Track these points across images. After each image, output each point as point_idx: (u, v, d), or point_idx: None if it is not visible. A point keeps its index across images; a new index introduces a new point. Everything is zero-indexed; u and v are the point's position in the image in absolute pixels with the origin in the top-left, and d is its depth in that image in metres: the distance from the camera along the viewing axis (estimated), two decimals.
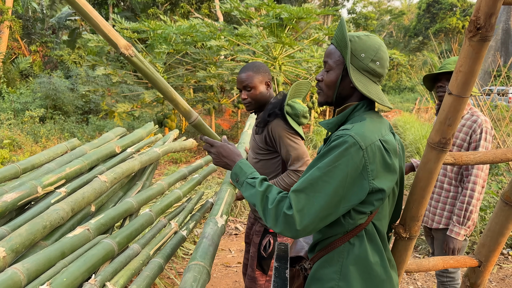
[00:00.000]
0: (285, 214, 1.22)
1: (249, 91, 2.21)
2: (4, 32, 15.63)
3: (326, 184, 1.22)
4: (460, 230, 2.39)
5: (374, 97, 1.34)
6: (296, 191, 1.24)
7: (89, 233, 1.57)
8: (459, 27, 30.62)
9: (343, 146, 1.24)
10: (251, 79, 2.20)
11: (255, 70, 2.22)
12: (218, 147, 1.51)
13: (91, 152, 2.29)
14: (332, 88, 1.41)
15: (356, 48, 1.36)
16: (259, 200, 1.29)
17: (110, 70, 8.98)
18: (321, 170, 1.23)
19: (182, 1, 18.41)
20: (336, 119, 1.42)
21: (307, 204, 1.22)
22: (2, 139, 9.43)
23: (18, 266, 1.31)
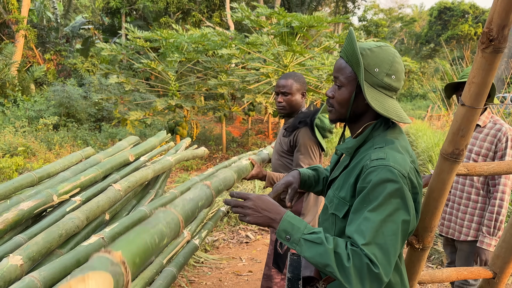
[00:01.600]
0: (372, 272, 1.13)
1: (286, 96, 2.39)
2: (20, 41, 15.95)
3: (392, 224, 1.16)
4: (491, 241, 2.35)
5: (393, 115, 1.26)
6: (367, 244, 1.15)
7: (104, 242, 1.59)
8: (471, 34, 30.42)
9: (390, 181, 1.17)
10: (290, 86, 2.38)
11: (295, 79, 2.41)
12: (254, 199, 1.30)
13: (105, 161, 2.32)
14: (345, 106, 1.33)
15: (369, 63, 1.27)
16: (332, 259, 1.15)
17: (123, 78, 9.09)
18: (379, 212, 1.16)
19: (193, 10, 18.61)
20: (356, 142, 1.34)
21: (385, 253, 1.15)
22: (17, 146, 9.58)
23: (35, 274, 1.33)
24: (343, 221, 1.34)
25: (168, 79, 9.70)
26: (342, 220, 1.34)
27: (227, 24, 18.48)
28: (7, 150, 9.50)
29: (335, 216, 1.37)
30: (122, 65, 16.43)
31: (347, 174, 1.34)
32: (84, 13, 26.29)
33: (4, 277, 1.34)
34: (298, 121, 2.38)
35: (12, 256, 1.41)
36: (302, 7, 23.62)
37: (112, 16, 20.56)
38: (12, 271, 1.37)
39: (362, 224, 1.17)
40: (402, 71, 1.32)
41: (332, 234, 1.39)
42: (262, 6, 8.65)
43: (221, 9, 19.20)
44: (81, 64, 17.12)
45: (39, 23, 20.44)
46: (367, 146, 1.32)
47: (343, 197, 1.33)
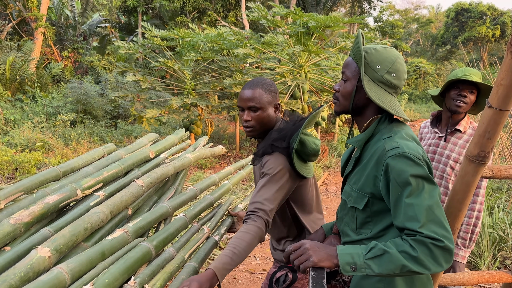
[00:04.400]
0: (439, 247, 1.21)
1: (255, 112, 1.79)
2: (38, 38, 16.22)
3: (432, 198, 1.26)
4: (466, 253, 2.29)
5: (388, 107, 1.36)
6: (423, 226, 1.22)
7: (128, 236, 1.62)
8: (489, 36, 29.94)
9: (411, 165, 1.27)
10: (259, 98, 1.78)
11: (265, 88, 1.81)
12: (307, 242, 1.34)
13: (127, 157, 2.36)
14: (348, 99, 1.44)
15: (372, 60, 1.39)
16: (402, 258, 1.22)
17: (140, 76, 9.19)
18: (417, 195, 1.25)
19: (209, 10, 18.69)
20: (364, 135, 1.43)
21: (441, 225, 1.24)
22: (35, 141, 9.75)
23: (63, 266, 1.37)
24: (363, 213, 1.42)
25: (183, 78, 9.77)
26: (362, 211, 1.42)
27: (242, 23, 18.52)
28: (25, 145, 9.67)
29: (355, 209, 1.44)
30: (138, 63, 16.60)
31: (361, 167, 1.42)
32: (101, 12, 26.60)
33: (33, 268, 1.37)
34: (269, 143, 1.77)
35: (40, 248, 1.45)
36: (317, 7, 23.54)
37: (129, 15, 20.78)
38: (40, 263, 1.40)
39: (409, 211, 1.25)
40: (404, 72, 1.42)
41: (354, 226, 1.47)
42: (278, 6, 8.66)
43: (236, 8, 19.25)
44: (98, 62, 17.33)
45: (58, 21, 20.77)
46: (376, 138, 1.41)
47: (361, 189, 1.41)
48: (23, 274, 1.33)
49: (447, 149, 2.42)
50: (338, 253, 1.28)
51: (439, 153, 2.46)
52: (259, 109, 1.79)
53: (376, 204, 1.39)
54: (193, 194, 2.25)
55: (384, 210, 1.38)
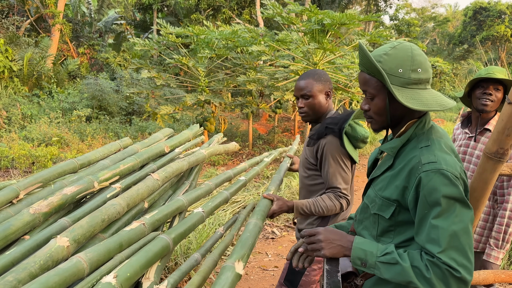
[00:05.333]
0: (455, 277, 1.16)
1: (307, 99, 2.05)
2: (55, 34, 16.44)
3: (461, 223, 1.19)
4: (499, 254, 2.24)
5: (434, 107, 1.28)
6: (443, 252, 1.18)
7: (145, 227, 1.64)
8: (507, 35, 29.40)
9: (447, 185, 1.20)
10: (310, 87, 2.04)
11: (316, 78, 2.05)
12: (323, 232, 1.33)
13: (143, 151, 2.39)
14: (383, 115, 1.35)
15: (391, 67, 1.27)
16: (412, 275, 1.19)
17: (154, 73, 9.26)
18: (446, 217, 1.19)
19: (224, 7, 18.72)
20: (400, 141, 1.36)
21: (463, 254, 1.18)
22: (51, 136, 9.91)
23: (82, 255, 1.39)
24: (387, 221, 1.35)
25: (198, 75, 9.81)
26: (387, 220, 1.35)
27: (257, 21, 18.50)
28: (42, 139, 9.83)
29: (378, 216, 1.38)
30: (153, 60, 16.72)
31: (393, 175, 1.34)
32: (117, 9, 26.85)
33: (52, 257, 1.40)
34: (324, 127, 2.02)
35: (59, 237, 1.47)
36: (332, 4, 23.40)
37: (144, 12, 20.93)
38: (59, 252, 1.43)
39: (432, 232, 1.20)
40: (426, 60, 1.31)
41: (374, 233, 1.41)
42: (293, 3, 8.63)
43: (251, 6, 19.24)
44: (113, 59, 17.51)
45: (74, 18, 21.03)
46: (411, 145, 1.32)
47: (388, 198, 1.34)
48: (43, 263, 1.36)
49: (477, 149, 2.40)
50: (353, 246, 1.27)
51: (469, 153, 2.44)
52: (310, 97, 2.05)
53: (402, 214, 1.33)
54: (208, 189, 2.27)
55: (409, 221, 1.32)
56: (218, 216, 4.74)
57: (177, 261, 3.55)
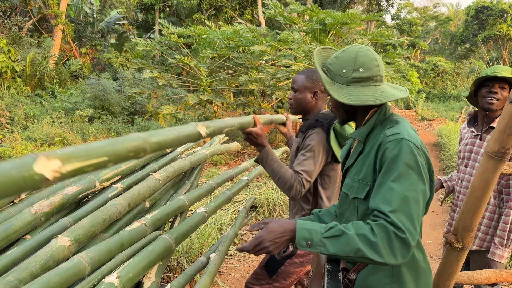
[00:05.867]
0: (400, 238, 1.21)
1: (295, 92, 2.16)
2: (58, 35, 16.49)
3: (414, 192, 1.26)
4: (504, 252, 2.21)
5: (368, 101, 1.40)
6: (393, 211, 1.24)
7: (146, 227, 1.64)
8: (509, 34, 29.30)
9: (405, 151, 1.29)
10: (300, 82, 2.14)
11: (308, 76, 2.14)
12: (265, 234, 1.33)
13: None
14: (339, 109, 1.52)
15: (337, 68, 1.44)
16: (358, 242, 1.22)
17: (157, 73, 9.27)
18: (402, 182, 1.27)
19: (225, 7, 18.72)
20: (366, 128, 1.46)
21: (410, 219, 1.24)
22: (54, 136, 9.93)
23: (83, 255, 1.39)
24: (365, 203, 1.42)
25: (199, 75, 9.82)
26: (364, 202, 1.42)
27: (259, 21, 18.50)
28: (44, 139, 9.86)
29: (356, 199, 1.45)
30: (155, 60, 16.74)
31: (364, 158, 1.45)
32: (119, 9, 26.89)
33: (53, 257, 1.40)
34: (314, 120, 2.09)
35: (60, 237, 1.48)
36: (334, 4, 23.38)
37: (146, 12, 20.94)
38: (60, 252, 1.44)
39: (387, 193, 1.27)
40: (370, 59, 1.43)
41: (356, 219, 1.45)
42: (295, 3, 8.63)
43: (253, 6, 19.24)
44: (116, 59, 17.54)
45: (76, 18, 21.07)
46: (378, 130, 1.44)
47: (363, 179, 1.42)
48: (44, 262, 1.36)
49: (483, 148, 2.39)
50: (297, 227, 1.27)
51: (475, 152, 2.43)
52: (297, 91, 2.13)
53: None
54: (209, 188, 2.27)
55: None
56: (220, 215, 4.74)
57: (179, 261, 3.55)
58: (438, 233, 5.14)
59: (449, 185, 2.63)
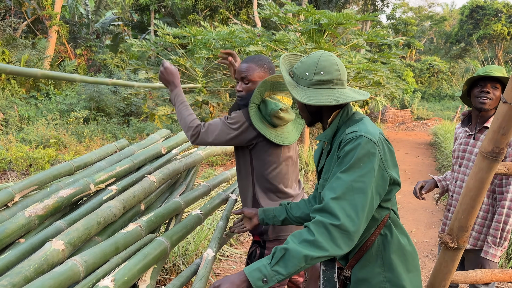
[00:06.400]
0: (336, 227, 1.26)
1: (247, 84, 2.00)
2: (52, 36, 16.42)
3: (361, 184, 1.32)
4: (497, 251, 2.23)
5: (326, 102, 1.45)
6: (335, 198, 1.30)
7: (141, 230, 1.63)
8: (504, 34, 29.47)
9: (360, 146, 1.35)
10: (251, 72, 1.98)
11: (258, 64, 2.00)
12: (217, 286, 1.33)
13: (139, 152, 2.38)
14: (304, 111, 1.59)
15: (301, 71, 1.51)
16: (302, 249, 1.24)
17: (152, 74, 9.24)
18: (350, 173, 1.33)
19: (221, 8, 18.71)
20: (330, 130, 1.53)
21: (352, 207, 1.29)
22: (49, 138, 9.89)
23: (77, 259, 1.38)
24: None
25: (195, 76, 9.80)
26: None
27: (254, 21, 18.50)
28: (39, 141, 9.81)
29: None
30: (150, 61, 16.70)
31: (330, 157, 1.51)
32: (114, 10, 26.81)
33: (47, 260, 1.39)
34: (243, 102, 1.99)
35: (54, 240, 1.47)
36: (329, 4, 23.41)
37: (141, 13, 20.89)
38: (55, 255, 1.42)
39: (334, 182, 1.34)
40: (331, 64, 1.51)
41: None
42: (290, 3, 8.63)
43: (248, 6, 19.23)
44: (111, 60, 17.49)
45: (71, 19, 20.99)
46: (342, 130, 1.50)
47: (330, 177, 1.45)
48: (38, 266, 1.35)
49: (476, 147, 2.40)
50: (247, 273, 1.26)
51: (468, 151, 2.44)
52: (249, 82, 1.99)
53: None
54: (205, 190, 2.27)
55: None
56: (216, 216, 4.74)
57: (175, 262, 3.54)
58: (434, 232, 5.16)
59: (443, 185, 2.63)
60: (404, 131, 18.97)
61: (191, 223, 1.82)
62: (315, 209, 1.34)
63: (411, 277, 1.48)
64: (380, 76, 10.00)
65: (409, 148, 13.12)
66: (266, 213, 1.79)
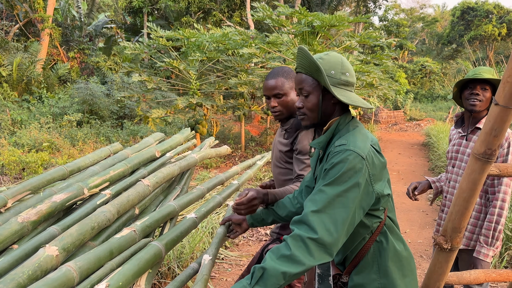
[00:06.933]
0: (313, 241, 1.25)
1: (280, 98, 2.01)
2: (45, 39, 16.32)
3: (344, 198, 1.31)
4: (489, 251, 2.25)
5: (359, 104, 1.45)
6: (316, 211, 1.29)
7: (136, 234, 1.63)
8: (495, 35, 29.74)
9: (348, 160, 1.33)
10: (282, 85, 2.00)
11: (285, 75, 2.03)
12: None
13: (133, 156, 2.37)
14: (315, 110, 1.49)
15: (325, 69, 1.45)
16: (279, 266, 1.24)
17: (145, 76, 9.22)
18: (334, 187, 1.32)
19: (214, 10, 18.71)
20: (325, 137, 1.49)
21: (332, 221, 1.28)
22: (42, 142, 9.82)
23: (71, 264, 1.38)
24: None
25: (189, 78, 9.79)
26: None
27: (247, 23, 18.52)
28: (32, 145, 9.74)
29: None
30: (144, 63, 16.65)
31: (323, 166, 1.49)
32: (107, 12, 26.71)
33: (41, 267, 1.38)
34: None
35: (48, 246, 1.45)
36: (322, 6, 23.49)
37: (134, 15, 20.83)
38: (48, 261, 1.41)
39: (317, 195, 1.33)
40: (351, 68, 1.50)
41: None
42: (283, 6, 8.65)
43: (241, 8, 19.25)
44: (104, 63, 17.41)
45: (64, 22, 20.88)
46: (336, 138, 1.48)
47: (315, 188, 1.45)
48: (31, 273, 1.34)
49: (469, 148, 2.43)
50: None
51: (461, 152, 2.47)
52: (283, 95, 2.00)
53: None
54: (200, 193, 2.26)
55: None
56: (212, 219, 4.73)
57: (170, 266, 3.52)
58: (428, 233, 5.19)
59: (437, 186, 2.65)
60: (397, 132, 19.07)
61: (186, 227, 1.81)
62: (294, 220, 1.33)
63: (407, 281, 1.49)
64: (373, 77, 10.05)
65: (402, 149, 13.18)
66: (255, 217, 1.81)
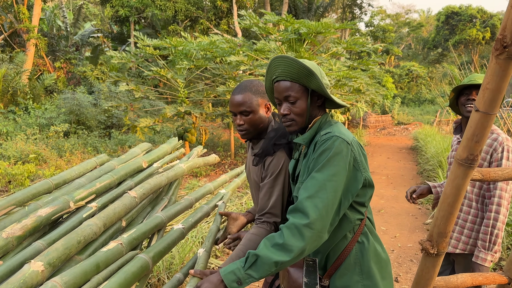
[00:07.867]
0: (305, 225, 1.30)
1: (247, 115, 1.79)
2: (30, 49, 16.18)
3: (334, 182, 1.36)
4: (487, 256, 2.25)
5: (343, 103, 1.56)
6: (309, 197, 1.34)
7: (122, 247, 1.61)
8: (479, 38, 30.28)
9: (334, 146, 1.40)
10: (249, 102, 1.78)
11: (253, 91, 1.80)
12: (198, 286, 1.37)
13: (120, 168, 2.35)
14: (304, 115, 1.54)
15: None
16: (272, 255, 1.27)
17: (133, 85, 9.18)
18: (324, 172, 1.38)
19: (201, 18, 18.75)
20: (309, 134, 1.55)
21: (323, 204, 1.34)
22: (28, 153, 9.69)
23: (57, 280, 1.36)
24: None
25: (177, 86, 9.77)
26: None
27: (235, 31, 18.59)
28: (18, 157, 9.61)
29: None
30: (131, 72, 16.58)
31: (307, 160, 1.54)
32: (93, 22, 26.59)
33: (26, 283, 1.36)
34: (272, 143, 1.77)
35: (33, 262, 1.44)
36: (308, 13, 23.70)
37: (121, 24, 20.77)
38: (33, 277, 1.39)
39: (309, 182, 1.38)
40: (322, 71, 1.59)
41: None
42: (270, 13, 8.71)
43: (228, 16, 19.33)
44: (91, 72, 17.31)
45: (49, 32, 20.74)
46: (319, 135, 1.53)
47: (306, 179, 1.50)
48: None
49: None
50: (222, 275, 1.32)
51: None
52: (250, 113, 1.79)
53: None
54: (188, 203, 2.25)
55: None
56: (201, 228, 4.70)
57: (160, 277, 3.49)
58: (418, 237, 5.22)
59: (438, 191, 2.64)
60: (385, 136, 19.23)
61: (173, 238, 1.80)
62: (290, 209, 1.38)
63: (385, 284, 1.52)
64: (360, 83, 10.14)
65: (391, 153, 13.29)
66: None
